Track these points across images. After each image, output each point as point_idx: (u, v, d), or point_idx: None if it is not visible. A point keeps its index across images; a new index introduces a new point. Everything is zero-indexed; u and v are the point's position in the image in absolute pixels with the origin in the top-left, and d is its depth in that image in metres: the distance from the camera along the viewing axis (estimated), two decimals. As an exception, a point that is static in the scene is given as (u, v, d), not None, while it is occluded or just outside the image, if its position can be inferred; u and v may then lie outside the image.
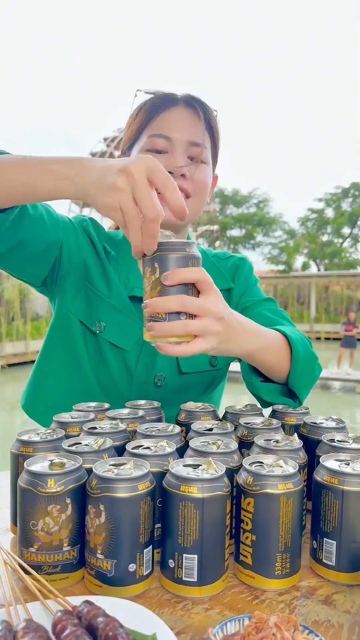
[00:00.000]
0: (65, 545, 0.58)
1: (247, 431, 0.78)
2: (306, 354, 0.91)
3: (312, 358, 0.93)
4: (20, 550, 0.59)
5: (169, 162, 0.93)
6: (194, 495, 0.56)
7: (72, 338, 1.01)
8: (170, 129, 0.94)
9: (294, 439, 0.72)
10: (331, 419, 0.84)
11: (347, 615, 0.54)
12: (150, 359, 1.00)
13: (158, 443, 0.68)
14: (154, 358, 1.00)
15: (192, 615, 0.54)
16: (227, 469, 0.61)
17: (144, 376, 1.00)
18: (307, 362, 0.91)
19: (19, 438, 0.70)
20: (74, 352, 1.01)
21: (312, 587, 0.60)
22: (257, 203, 31.28)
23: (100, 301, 0.99)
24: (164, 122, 0.95)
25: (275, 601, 0.57)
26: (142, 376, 1.00)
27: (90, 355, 1.00)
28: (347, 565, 0.60)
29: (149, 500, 0.57)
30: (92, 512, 0.57)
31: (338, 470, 0.60)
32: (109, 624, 0.44)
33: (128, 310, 0.99)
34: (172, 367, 1.02)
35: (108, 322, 0.98)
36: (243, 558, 0.60)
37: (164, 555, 0.59)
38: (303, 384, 0.91)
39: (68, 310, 1.01)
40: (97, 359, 1.00)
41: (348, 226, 30.62)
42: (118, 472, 0.58)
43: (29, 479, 0.58)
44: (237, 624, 0.48)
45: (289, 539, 0.59)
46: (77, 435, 0.76)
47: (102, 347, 0.99)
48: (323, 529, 0.61)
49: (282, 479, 0.58)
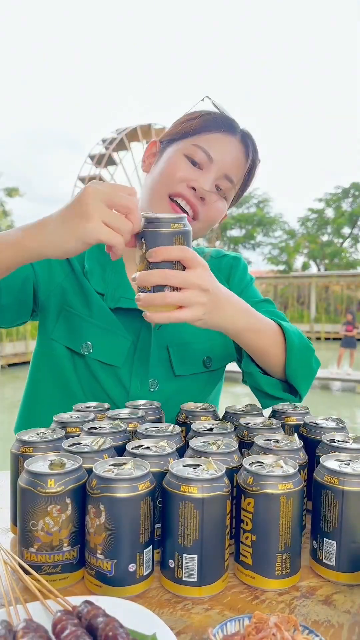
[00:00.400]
0: (65, 545, 0.58)
1: (247, 431, 0.78)
2: (302, 345, 0.90)
3: (308, 349, 0.92)
4: (20, 550, 0.59)
5: (198, 179, 0.93)
6: (194, 495, 0.56)
7: (59, 365, 0.99)
8: (217, 151, 0.94)
9: (294, 439, 0.72)
10: (331, 419, 0.84)
11: (347, 616, 0.54)
12: (143, 369, 0.98)
13: (158, 443, 0.68)
14: (146, 366, 0.98)
15: (192, 615, 0.54)
16: (227, 469, 0.61)
17: (138, 387, 0.99)
18: (303, 352, 0.90)
19: (19, 438, 0.70)
20: (62, 379, 0.99)
21: (312, 587, 0.60)
22: (257, 203, 31.27)
23: (82, 322, 0.97)
24: (214, 140, 0.94)
25: (275, 601, 0.57)
26: (137, 388, 0.99)
27: (81, 378, 0.98)
28: (347, 565, 0.60)
29: (149, 500, 0.57)
30: (92, 512, 0.57)
31: (338, 471, 0.60)
32: (109, 624, 0.44)
33: (113, 325, 0.97)
34: (165, 370, 1.00)
35: (95, 342, 0.97)
36: (243, 558, 0.60)
37: (164, 555, 0.59)
38: (301, 376, 0.91)
39: (50, 338, 0.99)
40: (89, 380, 0.98)
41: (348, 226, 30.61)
42: (118, 472, 0.58)
43: (29, 479, 0.58)
44: (237, 624, 0.48)
45: (289, 539, 0.58)
46: (77, 435, 0.76)
47: (92, 367, 0.97)
48: (323, 529, 0.61)
49: (282, 479, 0.58)
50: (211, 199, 0.95)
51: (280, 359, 0.88)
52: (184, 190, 0.92)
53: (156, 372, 1.00)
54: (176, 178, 0.93)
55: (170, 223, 0.68)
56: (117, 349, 0.97)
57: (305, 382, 0.93)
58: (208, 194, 0.93)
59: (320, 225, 31.40)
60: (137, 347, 0.98)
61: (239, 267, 1.12)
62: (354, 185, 29.82)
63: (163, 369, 1.00)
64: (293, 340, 0.88)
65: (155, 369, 0.99)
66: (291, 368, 0.89)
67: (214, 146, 0.94)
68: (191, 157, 0.94)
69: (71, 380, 0.99)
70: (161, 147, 1.00)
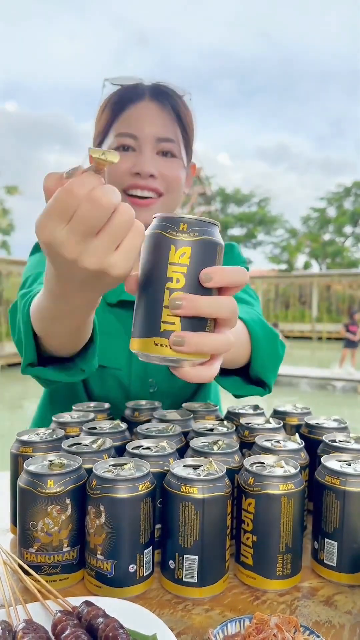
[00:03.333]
0: (65, 546, 0.58)
1: (248, 431, 0.77)
2: (266, 334, 0.80)
3: (273, 337, 0.83)
4: (20, 550, 0.59)
5: (136, 163, 0.91)
6: (195, 495, 0.55)
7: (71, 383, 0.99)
8: (136, 126, 0.91)
9: (295, 439, 0.71)
10: (333, 419, 0.84)
11: (349, 616, 0.54)
12: (142, 370, 0.98)
13: (158, 443, 0.68)
14: (145, 368, 0.98)
15: (192, 616, 0.53)
16: (228, 470, 0.61)
17: (138, 389, 0.99)
18: (268, 343, 0.80)
19: (18, 438, 0.70)
20: (70, 386, 1.00)
21: (313, 588, 0.60)
22: (258, 202, 31.27)
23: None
24: (129, 118, 0.92)
25: (276, 602, 0.56)
26: (137, 389, 0.99)
27: (82, 384, 0.99)
28: (348, 566, 0.60)
29: (149, 501, 0.57)
30: (92, 512, 0.56)
31: (339, 471, 0.60)
32: (109, 624, 0.44)
33: (112, 327, 0.96)
34: (163, 370, 0.99)
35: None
36: (244, 559, 0.60)
37: (165, 555, 0.59)
38: (268, 368, 0.81)
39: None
40: (90, 385, 0.99)
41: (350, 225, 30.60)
42: (118, 473, 0.57)
43: (28, 479, 0.58)
44: (237, 624, 0.48)
45: (290, 539, 0.58)
46: (77, 435, 0.76)
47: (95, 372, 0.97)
48: (324, 529, 0.61)
49: (283, 479, 0.58)
50: (161, 168, 0.92)
51: (245, 352, 0.78)
52: (132, 180, 0.91)
53: (155, 372, 0.99)
54: (119, 173, 0.91)
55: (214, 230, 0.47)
56: (117, 351, 0.97)
57: (273, 372, 0.84)
58: (153, 167, 0.91)
59: (322, 224, 31.38)
60: None
61: (233, 254, 1.06)
62: (356, 184, 29.80)
63: (161, 368, 0.99)
64: (257, 333, 0.78)
65: (153, 368, 0.99)
66: (258, 363, 0.79)
67: (131, 123, 0.92)
68: (121, 146, 0.92)
69: (75, 385, 0.99)
70: None
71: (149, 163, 0.91)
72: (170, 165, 0.94)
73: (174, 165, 0.94)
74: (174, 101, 0.95)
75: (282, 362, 0.87)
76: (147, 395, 0.99)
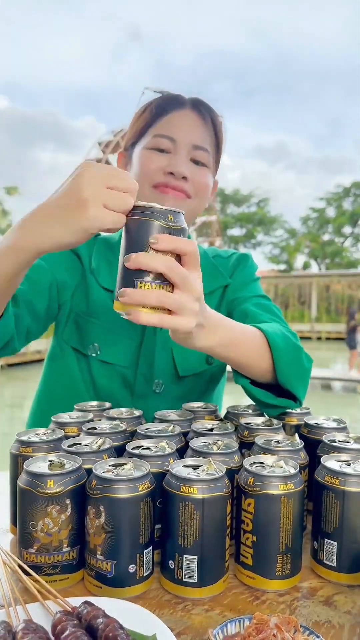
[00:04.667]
0: (65, 546, 0.58)
1: (247, 431, 0.78)
2: (288, 346, 0.83)
3: (297, 349, 0.86)
4: (20, 551, 0.59)
5: (170, 163, 0.93)
6: (194, 495, 0.55)
7: (67, 366, 1.00)
8: (176, 131, 0.94)
9: (294, 439, 0.71)
10: (332, 419, 0.84)
11: (348, 616, 0.54)
12: (147, 368, 0.98)
13: (158, 443, 0.68)
14: (151, 367, 0.98)
15: (192, 616, 0.53)
16: (228, 470, 0.61)
17: (143, 387, 0.99)
18: (291, 354, 0.84)
19: (18, 438, 0.70)
20: (70, 380, 1.00)
21: (313, 588, 0.60)
22: (257, 202, 31.27)
23: (89, 324, 0.98)
24: (169, 123, 0.95)
25: (275, 602, 0.56)
26: (142, 388, 0.99)
27: (86, 380, 0.99)
28: (348, 566, 0.60)
29: (149, 501, 0.57)
30: (91, 512, 0.56)
31: (339, 471, 0.60)
32: (109, 624, 0.44)
33: (119, 326, 0.97)
34: (169, 372, 1.00)
35: (102, 344, 0.97)
36: (243, 559, 0.60)
37: (164, 556, 0.59)
38: (294, 379, 0.84)
39: (61, 339, 1.00)
40: (94, 381, 0.99)
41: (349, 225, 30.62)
42: (118, 473, 0.57)
43: (28, 480, 0.58)
44: (237, 625, 0.48)
45: (290, 539, 0.58)
46: (76, 435, 0.76)
47: (98, 369, 0.98)
48: (324, 529, 0.61)
49: (282, 479, 0.58)
50: (193, 174, 0.95)
51: (267, 364, 0.81)
52: (163, 179, 0.93)
53: (161, 374, 1.00)
54: (151, 170, 0.93)
55: (168, 214, 0.59)
56: (122, 348, 0.97)
57: (301, 384, 0.87)
58: (187, 170, 0.93)
59: (321, 224, 31.40)
60: (142, 347, 0.98)
61: (246, 264, 1.10)
62: (355, 184, 29.81)
63: (168, 370, 1.00)
64: (277, 344, 0.82)
65: (160, 370, 0.99)
66: (282, 373, 0.82)
67: (171, 127, 0.95)
68: (157, 148, 0.94)
69: (77, 380, 0.99)
70: (128, 154, 1.01)
71: (184, 165, 0.93)
72: (201, 173, 0.96)
73: (205, 174, 0.97)
74: (212, 116, 0.99)
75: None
76: (151, 394, 0.99)
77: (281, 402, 0.85)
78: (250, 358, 0.79)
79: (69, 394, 1.00)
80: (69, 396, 0.99)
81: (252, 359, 0.79)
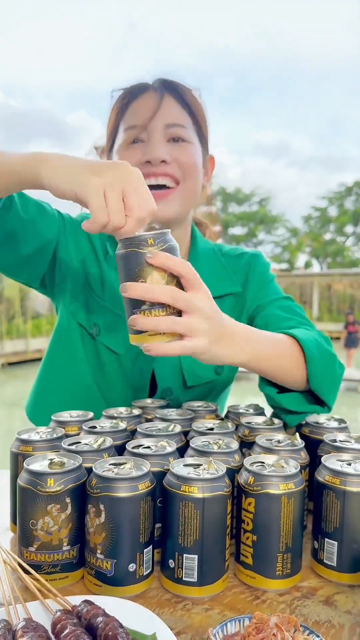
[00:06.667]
0: (65, 545, 0.58)
1: (248, 431, 0.77)
2: (322, 354, 0.83)
3: (330, 357, 0.85)
4: (20, 549, 0.59)
5: (146, 152, 0.90)
6: (195, 495, 0.55)
7: (73, 342, 0.99)
8: (142, 116, 0.91)
9: (295, 438, 0.71)
10: (333, 418, 0.84)
11: (348, 616, 0.54)
12: (147, 365, 0.97)
13: (158, 442, 0.68)
14: (151, 365, 0.97)
15: (192, 616, 0.53)
16: (228, 469, 0.60)
17: (139, 381, 0.98)
18: (325, 362, 0.83)
19: (18, 437, 0.70)
20: (75, 357, 0.99)
21: (313, 588, 0.60)
22: (259, 201, 31.24)
23: (95, 303, 0.97)
24: (134, 111, 0.92)
25: (275, 601, 0.56)
26: (138, 381, 0.98)
27: (90, 360, 0.99)
28: (348, 566, 0.60)
29: (149, 500, 0.57)
30: (92, 511, 0.56)
31: (340, 471, 0.60)
32: (109, 623, 0.44)
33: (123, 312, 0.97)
34: (177, 380, 0.98)
35: (102, 325, 0.96)
36: (244, 558, 0.60)
37: (164, 555, 0.59)
38: (326, 387, 0.83)
39: (69, 312, 1.00)
40: (96, 363, 0.98)
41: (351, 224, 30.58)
42: (118, 472, 0.57)
43: (28, 478, 0.58)
44: (237, 624, 0.48)
45: (290, 539, 0.58)
46: (77, 434, 0.76)
47: (100, 351, 0.97)
48: (324, 529, 0.61)
49: (283, 479, 0.58)
50: (174, 154, 0.91)
51: (300, 373, 0.80)
52: (144, 170, 0.89)
53: (167, 380, 0.98)
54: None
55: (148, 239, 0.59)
56: (122, 336, 0.96)
57: (332, 392, 0.85)
58: (164, 153, 0.90)
59: (323, 223, 31.36)
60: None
61: (258, 266, 1.06)
62: (357, 184, 29.76)
63: (175, 378, 0.98)
64: (312, 352, 0.80)
65: (165, 375, 0.98)
66: (315, 381, 0.81)
67: (137, 115, 0.92)
68: (130, 141, 0.92)
69: (81, 359, 0.99)
70: (110, 156, 0.99)
71: (158, 149, 0.90)
72: (183, 150, 0.92)
73: (187, 150, 0.93)
74: (180, 90, 0.94)
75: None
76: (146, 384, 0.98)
77: (310, 409, 0.84)
78: (283, 368, 0.78)
79: (72, 370, 1.00)
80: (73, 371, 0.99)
81: (286, 369, 0.78)
